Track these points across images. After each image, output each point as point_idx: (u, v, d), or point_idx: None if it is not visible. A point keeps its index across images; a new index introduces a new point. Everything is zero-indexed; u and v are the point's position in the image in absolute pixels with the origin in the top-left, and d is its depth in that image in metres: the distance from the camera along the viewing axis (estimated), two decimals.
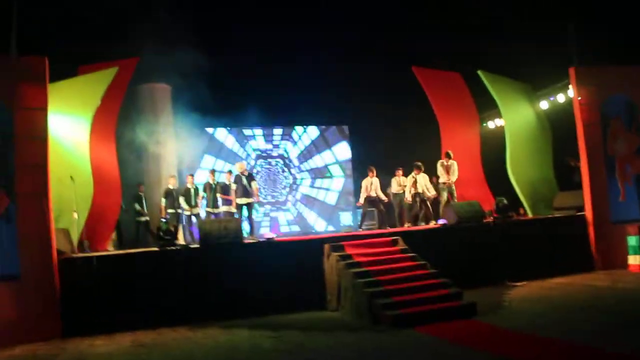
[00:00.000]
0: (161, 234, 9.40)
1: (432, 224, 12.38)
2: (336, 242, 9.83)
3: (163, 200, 13.01)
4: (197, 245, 9.90)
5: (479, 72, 13.27)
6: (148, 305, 8.95)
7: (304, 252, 9.81)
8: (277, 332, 7.94)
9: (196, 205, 12.72)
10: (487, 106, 15.25)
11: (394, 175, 13.93)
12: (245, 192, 11.78)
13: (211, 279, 9.30)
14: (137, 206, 13.59)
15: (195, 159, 17.02)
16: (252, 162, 18.14)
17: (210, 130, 17.71)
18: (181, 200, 12.68)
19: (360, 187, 13.77)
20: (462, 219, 11.00)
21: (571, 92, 12.49)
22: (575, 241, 11.59)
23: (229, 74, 14.74)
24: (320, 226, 18.70)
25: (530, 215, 13.15)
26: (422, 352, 6.38)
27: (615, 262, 11.34)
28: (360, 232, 12.25)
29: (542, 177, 13.58)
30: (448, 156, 13.21)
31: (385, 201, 13.69)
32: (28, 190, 8.70)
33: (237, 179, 11.90)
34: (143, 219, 13.72)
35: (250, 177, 12.06)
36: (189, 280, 9.22)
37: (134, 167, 14.42)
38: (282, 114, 17.11)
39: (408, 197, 13.20)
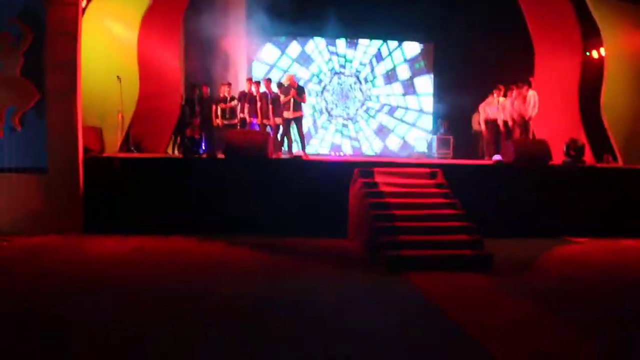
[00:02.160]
0: (186, 141, 9.23)
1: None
2: (369, 167, 9.08)
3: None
4: (222, 157, 9.62)
5: None
6: (165, 211, 8.96)
7: (333, 175, 9.19)
8: (277, 255, 7.67)
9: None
10: (593, 32, 13.13)
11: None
12: (295, 106, 11.15)
13: (232, 192, 9.06)
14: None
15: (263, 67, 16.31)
16: (323, 77, 16.85)
17: (282, 39, 16.39)
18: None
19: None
20: (520, 158, 9.67)
21: None
22: None
23: None
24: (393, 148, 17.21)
25: (620, 163, 11.44)
26: (382, 304, 5.65)
27: None
28: (402, 159, 11.29)
29: None
30: (528, 85, 11.62)
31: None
32: (57, 87, 8.75)
33: (286, 91, 11.24)
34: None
35: (301, 90, 11.36)
36: (209, 190, 9.06)
37: (197, 65, 13.98)
38: (366, 25, 15.80)
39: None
